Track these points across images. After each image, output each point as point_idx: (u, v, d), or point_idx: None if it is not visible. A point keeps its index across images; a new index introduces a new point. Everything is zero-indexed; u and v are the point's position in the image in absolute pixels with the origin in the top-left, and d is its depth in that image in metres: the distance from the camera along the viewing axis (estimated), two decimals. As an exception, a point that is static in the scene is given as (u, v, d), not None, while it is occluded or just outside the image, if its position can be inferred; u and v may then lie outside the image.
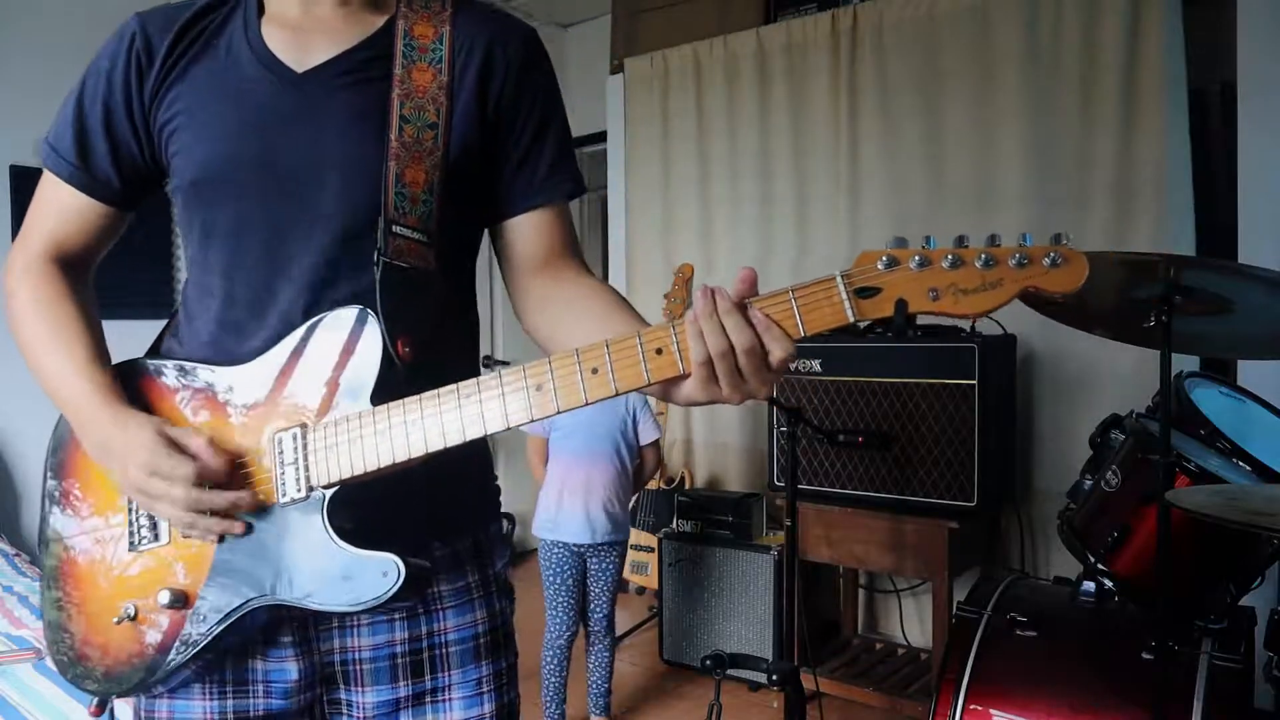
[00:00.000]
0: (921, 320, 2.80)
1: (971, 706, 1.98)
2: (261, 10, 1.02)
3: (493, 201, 1.03)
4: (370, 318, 0.90)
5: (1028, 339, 3.01)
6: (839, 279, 0.78)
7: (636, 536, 3.80)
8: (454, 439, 0.85)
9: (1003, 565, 3.07)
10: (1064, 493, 2.24)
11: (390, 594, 0.85)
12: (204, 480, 0.89)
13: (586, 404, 0.83)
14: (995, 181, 3.12)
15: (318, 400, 0.91)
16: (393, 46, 0.98)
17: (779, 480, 3.04)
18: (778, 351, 0.79)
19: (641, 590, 3.93)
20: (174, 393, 0.98)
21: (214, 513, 0.89)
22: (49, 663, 1.93)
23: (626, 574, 3.87)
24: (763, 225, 3.69)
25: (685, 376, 0.82)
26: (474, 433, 0.85)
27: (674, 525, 3.33)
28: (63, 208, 1.04)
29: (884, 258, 0.78)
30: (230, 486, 0.91)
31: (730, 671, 2.10)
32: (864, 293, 0.78)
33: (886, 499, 2.85)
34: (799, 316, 0.79)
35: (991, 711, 1.97)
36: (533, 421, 0.84)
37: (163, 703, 0.99)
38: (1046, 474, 3.04)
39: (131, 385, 0.99)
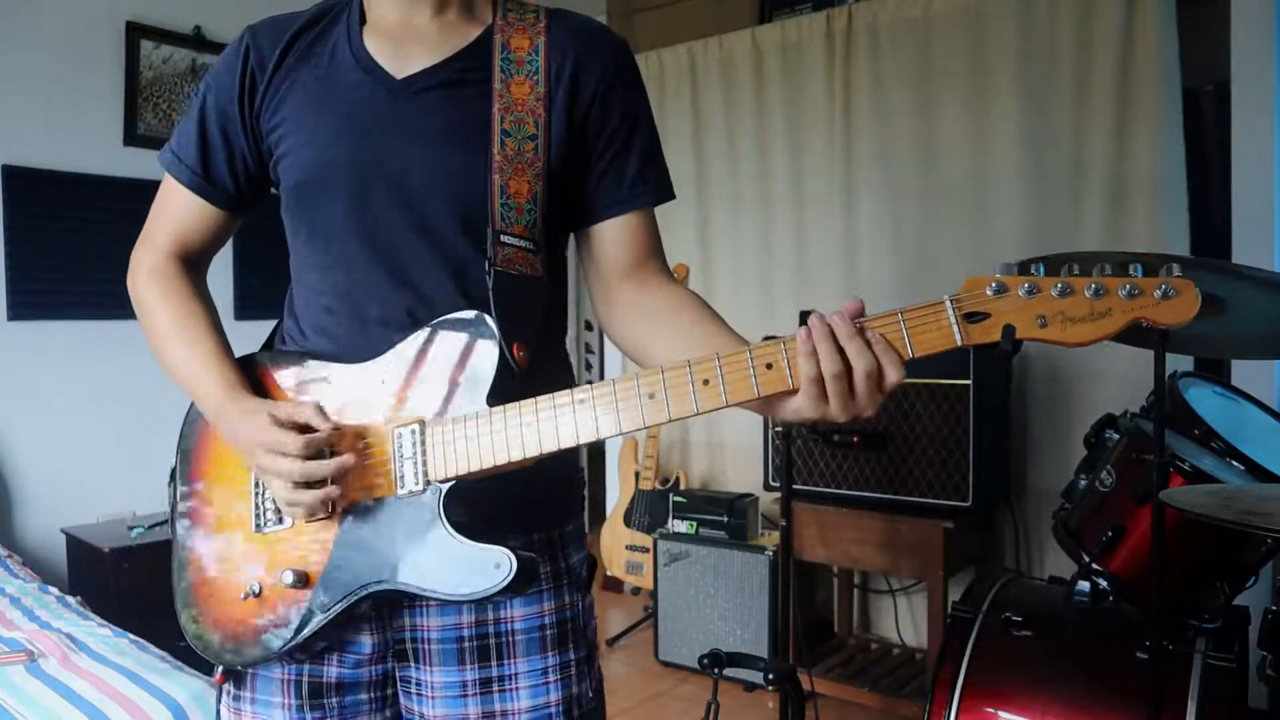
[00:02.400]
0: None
1: (966, 706, 1.98)
2: (364, 21, 1.06)
3: (580, 207, 1.06)
4: (488, 323, 0.94)
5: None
6: (948, 303, 0.80)
7: (632, 537, 3.80)
8: (567, 441, 0.89)
9: (998, 565, 3.08)
10: (1059, 492, 2.24)
11: (504, 585, 0.89)
12: (312, 447, 0.93)
13: (698, 414, 0.86)
14: (990, 181, 3.12)
15: (436, 400, 0.95)
16: (490, 58, 1.02)
17: (774, 480, 3.04)
18: (893, 375, 0.81)
19: (637, 591, 3.92)
20: (292, 387, 1.03)
21: (320, 484, 0.93)
22: (41, 668, 1.92)
23: (623, 574, 3.87)
24: (759, 225, 3.69)
25: (792, 392, 0.84)
26: (587, 436, 0.89)
27: (669, 525, 3.33)
28: (183, 211, 1.11)
29: (993, 284, 0.79)
30: (359, 480, 0.95)
31: (725, 673, 2.10)
32: (972, 317, 0.79)
33: (881, 499, 2.85)
34: (908, 338, 0.81)
35: (986, 711, 1.97)
36: (645, 428, 0.88)
37: (246, 683, 1.05)
38: (1041, 474, 3.04)
39: (252, 378, 1.05)
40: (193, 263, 1.13)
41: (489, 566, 0.89)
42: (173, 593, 1.08)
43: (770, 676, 2.08)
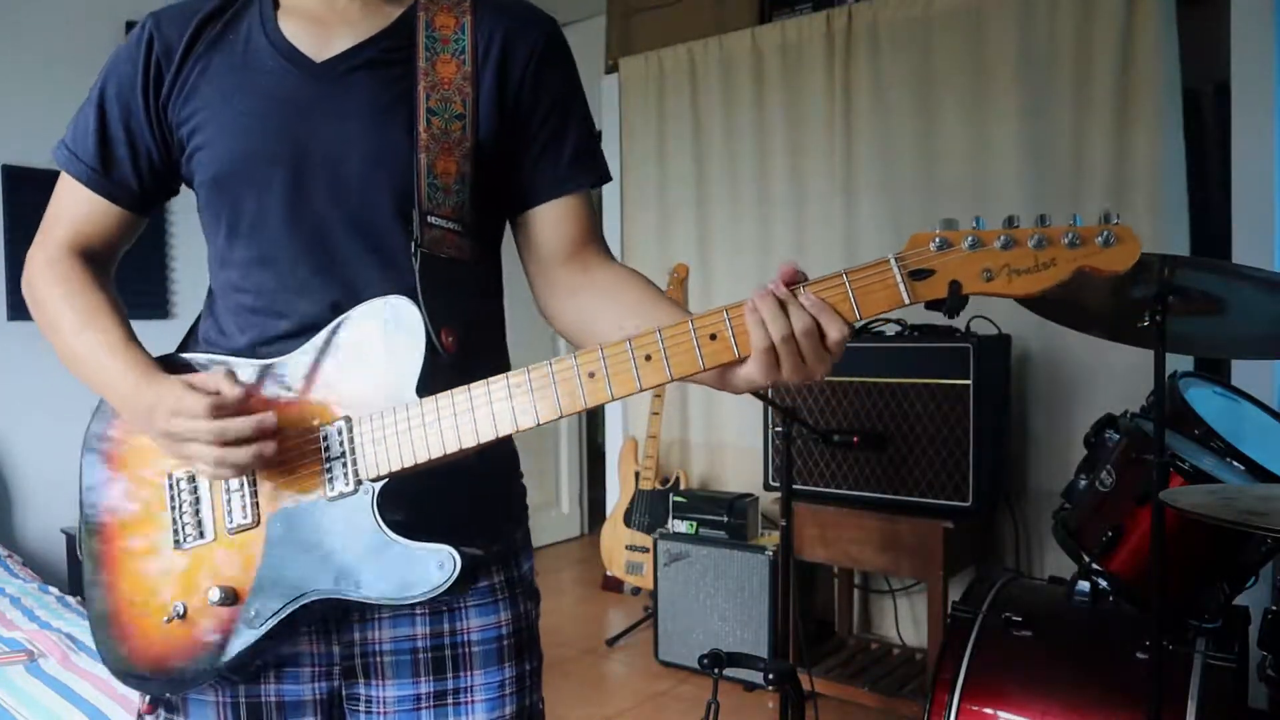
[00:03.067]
0: (918, 321, 2.82)
1: (967, 706, 1.98)
2: (278, 4, 1.02)
3: (516, 192, 1.03)
4: (414, 308, 0.90)
5: (1022, 339, 3.01)
6: (893, 261, 0.79)
7: (632, 537, 3.80)
8: (505, 429, 0.85)
9: (998, 565, 3.08)
10: (1059, 492, 2.24)
11: (447, 585, 0.85)
12: (225, 411, 0.88)
13: (641, 390, 0.83)
14: (990, 181, 3.12)
15: (364, 393, 0.90)
16: (414, 37, 0.98)
17: (774, 480, 3.04)
18: (834, 332, 0.81)
19: (636, 591, 3.92)
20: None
21: (248, 439, 0.88)
22: (41, 668, 1.92)
23: (623, 574, 3.87)
24: (758, 225, 3.69)
25: (740, 361, 0.83)
26: (526, 423, 0.85)
27: (669, 525, 3.33)
28: (82, 210, 1.05)
29: (936, 239, 0.79)
30: (282, 483, 0.91)
31: (725, 673, 2.10)
32: (918, 275, 0.79)
33: (881, 499, 2.85)
34: (854, 300, 0.80)
35: (986, 711, 1.97)
36: (587, 410, 0.84)
37: (179, 709, 0.99)
38: (1041, 474, 3.04)
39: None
40: (96, 258, 1.06)
41: (432, 566, 0.85)
42: (89, 623, 1.01)
43: (770, 676, 2.08)
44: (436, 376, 0.89)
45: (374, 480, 0.88)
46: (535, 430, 0.85)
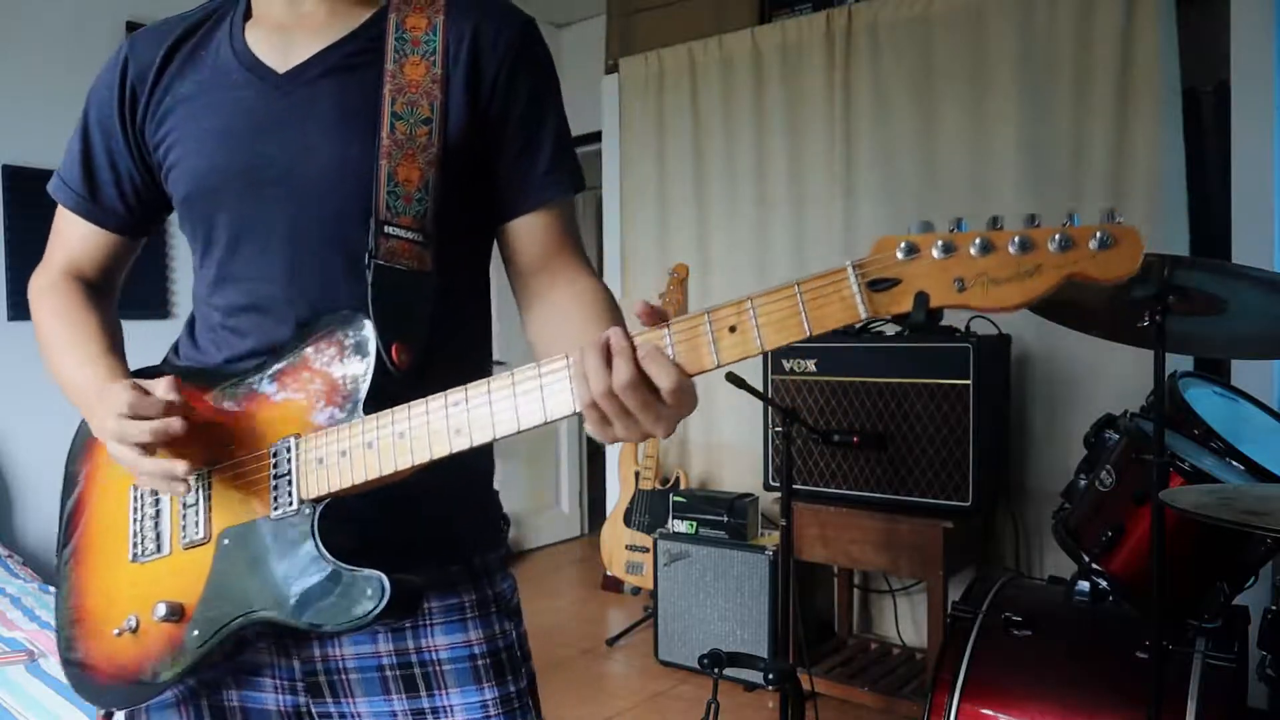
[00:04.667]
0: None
1: (966, 706, 1.98)
2: (250, 16, 1.00)
3: (491, 201, 1.00)
4: (363, 322, 0.87)
5: (1022, 339, 3.01)
6: (850, 270, 0.69)
7: (632, 537, 3.80)
8: (440, 450, 0.81)
9: (997, 565, 3.08)
10: (1059, 492, 2.24)
11: (376, 613, 0.81)
12: (141, 406, 0.85)
13: (520, 431, 0.78)
14: (989, 181, 3.12)
15: (313, 410, 0.88)
16: (383, 40, 0.95)
17: (774, 480, 3.04)
18: (664, 381, 0.72)
19: (637, 591, 3.93)
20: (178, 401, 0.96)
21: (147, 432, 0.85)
22: (41, 667, 1.92)
23: (623, 574, 3.87)
24: (758, 225, 3.69)
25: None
26: (460, 444, 0.80)
27: (669, 525, 3.33)
28: (75, 237, 1.06)
29: (903, 244, 0.68)
30: (234, 503, 0.89)
31: (725, 673, 2.10)
32: (879, 285, 0.68)
33: (881, 499, 2.85)
34: (805, 314, 0.70)
35: (986, 711, 1.97)
36: (520, 432, 0.78)
37: (141, 714, 0.99)
38: (1041, 474, 3.04)
39: None
40: (93, 284, 1.07)
41: (360, 592, 0.82)
42: (56, 638, 1.01)
43: (770, 676, 2.08)
44: (390, 393, 0.85)
45: (314, 501, 0.86)
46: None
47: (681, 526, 3.28)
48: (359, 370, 0.86)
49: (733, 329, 0.72)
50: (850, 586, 3.39)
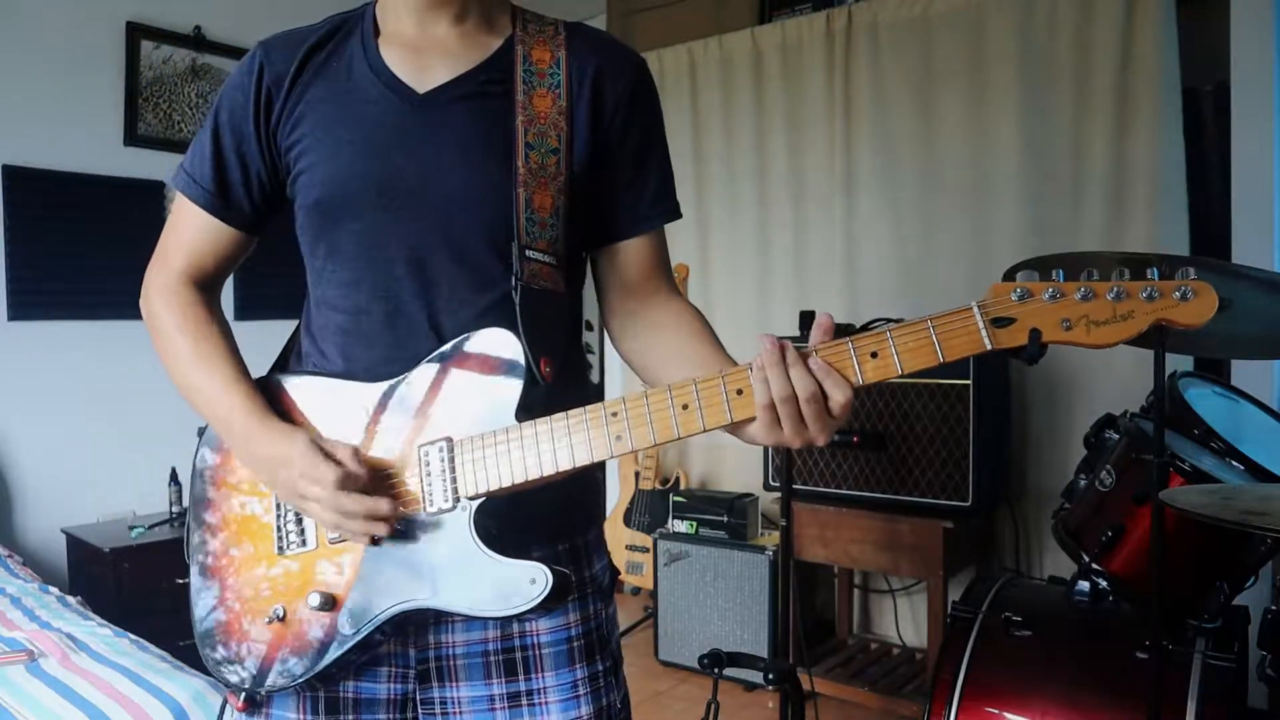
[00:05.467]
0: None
1: (966, 706, 1.98)
2: (378, 31, 1.05)
3: (600, 224, 1.06)
4: (515, 340, 0.93)
5: (1022, 339, 3.01)
6: (975, 310, 0.81)
7: (632, 537, 3.80)
8: (601, 455, 0.90)
9: (997, 565, 3.08)
10: (1059, 492, 2.24)
11: (539, 600, 0.88)
12: (348, 485, 0.92)
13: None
14: (989, 181, 3.12)
15: (464, 416, 0.94)
16: (512, 70, 1.01)
17: (774, 480, 3.04)
18: (838, 396, 0.83)
19: (637, 590, 3.93)
20: (313, 408, 1.02)
21: (360, 517, 0.93)
22: (41, 667, 1.92)
23: (623, 574, 3.87)
24: (758, 225, 3.69)
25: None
26: (620, 449, 0.89)
27: (669, 525, 3.33)
28: (198, 232, 1.09)
29: (1018, 289, 0.81)
30: (374, 495, 0.94)
31: (725, 672, 2.10)
32: (999, 322, 0.81)
33: (881, 499, 2.85)
34: (938, 344, 0.82)
35: (986, 711, 1.97)
36: (656, 445, 0.90)
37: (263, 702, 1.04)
38: (1041, 474, 3.04)
39: (275, 401, 1.03)
40: (206, 285, 1.11)
41: (524, 582, 0.89)
42: (191, 625, 1.06)
43: (770, 676, 2.08)
44: (536, 403, 0.93)
45: (472, 498, 0.92)
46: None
47: (681, 526, 3.28)
48: (513, 383, 0.93)
49: (874, 354, 0.84)
50: (850, 586, 3.39)
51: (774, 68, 3.62)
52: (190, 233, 1.09)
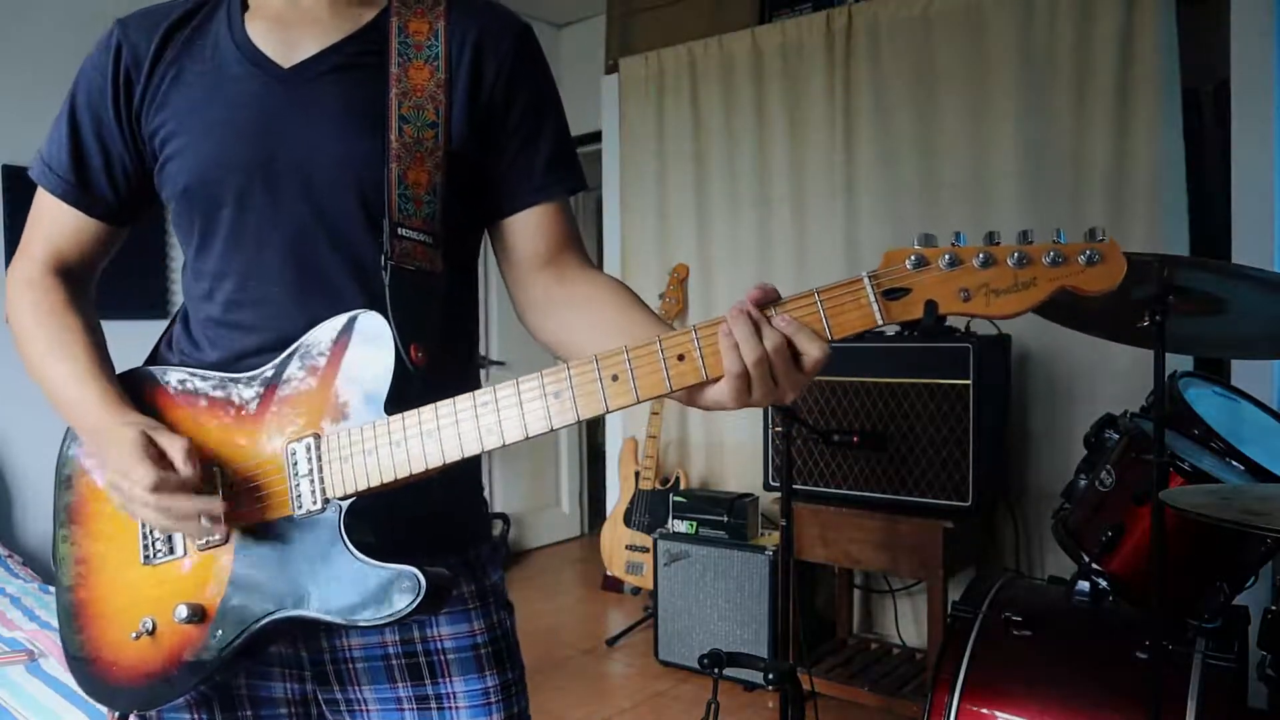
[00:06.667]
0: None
1: (966, 706, 1.98)
2: (246, 6, 0.99)
3: (491, 199, 1.00)
4: (382, 323, 0.88)
5: (1022, 339, 3.01)
6: (866, 280, 0.76)
7: (632, 537, 3.80)
8: (472, 449, 0.83)
9: (998, 565, 3.08)
10: (1059, 492, 2.24)
11: (413, 607, 0.83)
12: (166, 487, 0.86)
13: (608, 411, 0.80)
14: (990, 180, 3.12)
15: (331, 409, 0.88)
16: (386, 43, 0.96)
17: (774, 480, 3.04)
18: (814, 352, 0.77)
19: (636, 591, 3.93)
20: (180, 402, 0.96)
21: (191, 518, 0.87)
22: (41, 667, 1.92)
23: (623, 574, 3.87)
24: (759, 225, 3.69)
25: (710, 382, 0.79)
26: (492, 443, 0.82)
27: (669, 525, 3.33)
28: (60, 223, 1.03)
29: (912, 257, 0.76)
30: (250, 503, 0.90)
31: (725, 673, 2.10)
32: (892, 294, 0.76)
33: (881, 499, 2.85)
34: (825, 320, 0.77)
35: (986, 711, 1.97)
36: (551, 430, 0.81)
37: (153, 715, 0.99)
38: (1041, 474, 3.04)
39: (138, 395, 0.97)
40: (73, 275, 1.05)
41: (396, 587, 0.83)
42: (60, 640, 1.00)
43: (770, 676, 2.08)
44: (406, 392, 0.87)
45: (341, 499, 0.87)
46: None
47: (681, 526, 3.28)
48: (379, 370, 0.87)
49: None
50: (850, 586, 3.39)
51: (774, 68, 3.62)
52: (50, 225, 1.03)
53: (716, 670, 2.05)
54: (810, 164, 3.53)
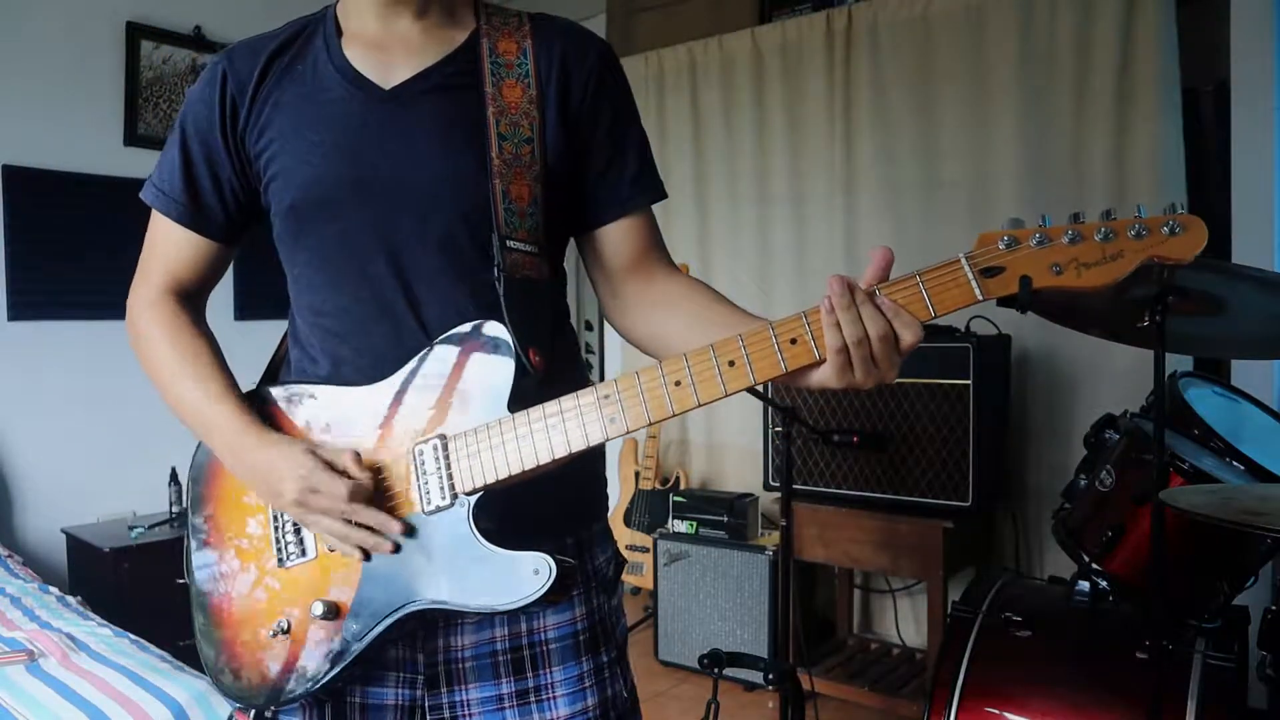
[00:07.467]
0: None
1: (966, 706, 1.98)
2: (341, 32, 1.05)
3: (581, 210, 1.06)
4: (503, 330, 0.93)
5: (1022, 339, 3.01)
6: (963, 260, 0.81)
7: (632, 537, 3.80)
8: (596, 439, 0.88)
9: (998, 565, 3.07)
10: (1059, 492, 2.24)
11: (544, 591, 0.88)
12: (359, 496, 0.92)
13: (726, 395, 0.85)
14: (990, 180, 3.12)
15: (456, 412, 0.94)
16: (479, 63, 1.01)
17: (774, 480, 3.04)
18: (908, 336, 0.82)
19: (637, 590, 3.93)
20: (304, 418, 1.01)
21: (365, 528, 0.93)
22: (41, 667, 1.92)
23: (623, 574, 3.86)
24: (758, 224, 3.69)
25: (819, 364, 0.84)
26: (616, 431, 0.88)
27: (669, 525, 3.33)
28: (175, 245, 1.09)
29: (1004, 238, 0.80)
30: (378, 503, 0.94)
31: (725, 672, 2.10)
32: (988, 272, 0.80)
33: (881, 499, 2.85)
34: (928, 299, 0.82)
35: (986, 711, 1.97)
36: (674, 416, 0.87)
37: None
38: (1041, 474, 3.04)
39: (263, 413, 1.02)
40: (191, 297, 1.11)
41: (527, 573, 0.89)
42: (195, 641, 1.06)
43: (770, 676, 2.08)
44: (525, 393, 0.92)
45: (469, 493, 0.92)
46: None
47: (681, 526, 3.28)
48: (502, 374, 0.93)
49: None
50: (850, 586, 3.39)
51: (774, 68, 3.62)
52: (167, 246, 1.09)
53: (716, 670, 2.05)
54: (810, 163, 3.53)
